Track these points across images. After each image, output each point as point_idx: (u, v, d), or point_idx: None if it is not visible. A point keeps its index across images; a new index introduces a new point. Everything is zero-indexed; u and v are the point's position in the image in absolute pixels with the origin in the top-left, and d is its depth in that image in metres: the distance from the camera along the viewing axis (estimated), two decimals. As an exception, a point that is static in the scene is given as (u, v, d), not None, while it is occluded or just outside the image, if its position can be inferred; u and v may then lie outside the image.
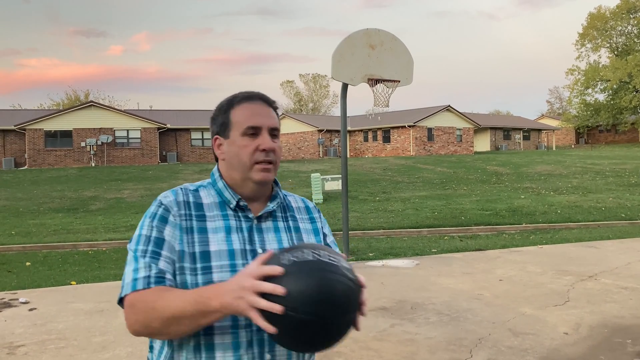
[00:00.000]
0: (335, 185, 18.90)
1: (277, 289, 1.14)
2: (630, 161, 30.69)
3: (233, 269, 1.39)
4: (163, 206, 1.44)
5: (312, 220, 1.61)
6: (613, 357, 4.31)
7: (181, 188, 1.51)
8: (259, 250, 1.44)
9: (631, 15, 54.35)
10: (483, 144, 52.25)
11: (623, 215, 15.00)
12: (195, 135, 39.09)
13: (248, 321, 1.35)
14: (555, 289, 6.37)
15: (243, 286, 1.17)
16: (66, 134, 35.07)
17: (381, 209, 16.76)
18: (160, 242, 1.40)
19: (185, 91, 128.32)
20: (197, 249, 1.40)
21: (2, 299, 6.48)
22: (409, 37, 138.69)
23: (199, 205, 1.47)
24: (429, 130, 43.24)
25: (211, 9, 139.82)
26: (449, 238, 12.25)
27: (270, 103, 1.52)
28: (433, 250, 9.75)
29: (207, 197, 1.50)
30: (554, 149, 52.71)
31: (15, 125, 34.25)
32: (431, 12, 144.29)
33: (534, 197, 18.79)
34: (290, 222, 1.54)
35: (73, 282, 7.61)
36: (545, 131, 58.74)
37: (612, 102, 53.85)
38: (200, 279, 1.37)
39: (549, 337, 4.77)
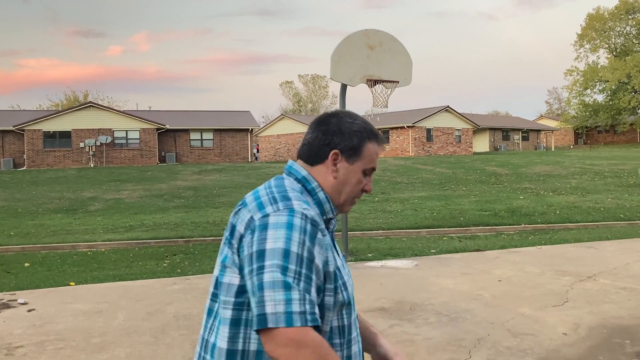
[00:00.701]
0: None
1: None
2: (629, 162, 30.71)
3: (345, 286, 1.46)
4: (309, 220, 1.35)
5: None
6: (612, 358, 4.32)
7: (302, 196, 1.45)
8: (345, 266, 1.54)
9: (630, 16, 54.44)
10: (482, 144, 52.29)
11: (622, 215, 15.01)
12: (194, 135, 39.07)
13: None
14: (554, 290, 6.38)
15: None
16: (65, 135, 35.06)
17: (380, 210, 16.77)
18: (311, 264, 1.31)
19: (185, 91, 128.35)
20: (331, 268, 1.40)
21: (1, 299, 6.47)
22: (408, 37, 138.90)
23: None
24: (428, 130, 43.26)
25: (211, 9, 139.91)
26: (448, 239, 12.26)
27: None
28: (432, 250, 9.75)
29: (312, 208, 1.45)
30: (552, 149, 52.77)
31: (14, 126, 34.23)
32: (430, 12, 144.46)
33: (532, 198, 18.81)
34: None
35: (72, 283, 7.61)
36: (544, 132, 58.82)
37: (610, 103, 53.90)
38: (333, 298, 1.41)
39: (548, 337, 4.77)
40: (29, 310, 5.93)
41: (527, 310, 5.57)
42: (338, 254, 1.52)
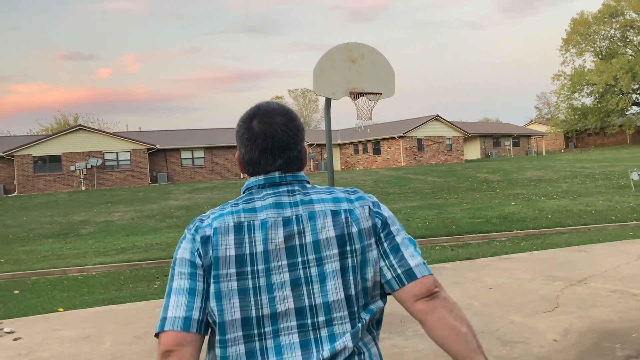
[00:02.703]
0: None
1: None
2: (620, 163, 30.88)
3: None
4: None
5: None
6: (602, 363, 4.28)
7: None
8: None
9: (613, 19, 54.99)
10: (473, 152, 52.49)
11: (613, 217, 15.05)
12: (185, 154, 39.03)
13: None
14: (544, 295, 6.35)
15: None
16: (55, 159, 34.94)
17: (372, 221, 16.73)
18: None
19: (175, 111, 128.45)
20: None
21: (-13, 329, 6.38)
22: (395, 48, 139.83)
23: None
24: (419, 140, 43.39)
25: (198, 28, 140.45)
26: (440, 248, 12.24)
27: None
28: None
29: None
30: (543, 154, 53.02)
31: (3, 152, 34.10)
32: (415, 23, 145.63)
33: (524, 203, 18.84)
34: None
35: (60, 309, 7.52)
36: (534, 137, 59.13)
37: (599, 106, 54.31)
38: None
39: (538, 344, 4.74)
40: (15, 339, 5.84)
41: (518, 317, 5.54)
42: None
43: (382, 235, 1.44)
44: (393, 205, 20.55)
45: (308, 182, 1.51)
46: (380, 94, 8.02)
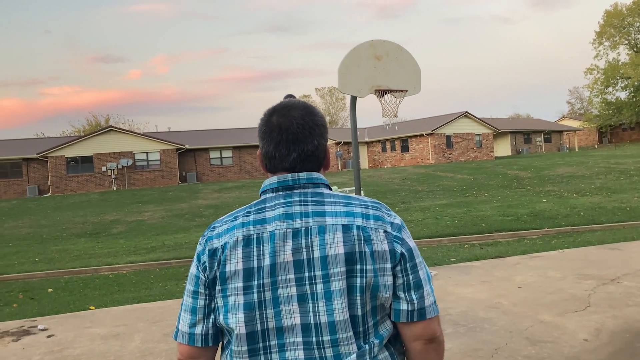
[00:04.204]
0: (354, 197, 18.82)
1: None
2: (655, 158, 30.06)
3: None
4: None
5: None
6: (635, 363, 4.18)
7: None
8: None
9: (648, 11, 53.61)
10: (503, 148, 51.72)
11: (648, 214, 14.65)
12: (214, 154, 39.40)
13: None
14: (575, 294, 6.22)
15: None
16: (87, 160, 35.65)
17: (400, 220, 16.62)
18: None
19: (203, 111, 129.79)
20: None
21: (22, 326, 6.54)
22: (423, 45, 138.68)
23: None
24: (448, 137, 42.96)
25: (226, 29, 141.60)
26: (470, 246, 12.09)
27: None
28: (452, 259, 9.62)
29: None
30: (576, 150, 51.95)
31: (37, 154, 34.93)
32: (444, 19, 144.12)
33: (556, 200, 18.49)
34: None
35: (92, 307, 7.67)
36: (566, 132, 57.94)
37: (634, 100, 52.97)
38: None
39: (568, 344, 4.64)
40: (48, 336, 5.98)
41: (547, 316, 5.44)
42: None
43: (407, 266, 1.39)
44: (421, 203, 20.39)
45: (327, 186, 1.46)
46: (406, 91, 7.95)
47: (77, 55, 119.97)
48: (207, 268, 1.38)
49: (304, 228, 1.36)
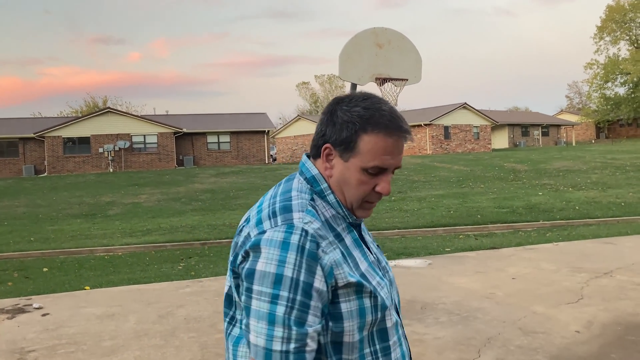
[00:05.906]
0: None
1: None
2: (652, 155, 30.14)
3: (381, 283, 1.31)
4: (310, 237, 1.20)
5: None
6: (625, 355, 4.22)
7: (309, 203, 1.28)
8: (381, 260, 1.40)
9: (651, 7, 53.46)
10: (501, 141, 51.76)
11: (643, 210, 14.72)
12: (212, 138, 39.30)
13: None
14: (568, 287, 6.27)
15: None
16: (84, 141, 35.53)
17: (396, 209, 16.68)
18: (309, 288, 1.17)
19: (202, 95, 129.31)
20: (353, 279, 1.23)
21: (17, 304, 6.56)
22: (425, 35, 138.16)
23: (329, 222, 1.29)
24: (446, 128, 42.95)
25: (227, 13, 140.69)
26: (464, 237, 12.14)
27: (407, 138, 1.31)
28: (447, 249, 9.66)
29: (326, 209, 1.30)
30: (573, 144, 52.03)
31: (34, 133, 34.79)
32: (447, 9, 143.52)
33: (551, 194, 18.55)
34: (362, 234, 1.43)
35: (87, 287, 7.68)
36: (564, 126, 57.97)
37: (633, 96, 52.98)
38: (373, 301, 1.27)
39: (560, 335, 4.68)
40: (43, 315, 6.00)
41: (540, 308, 5.48)
42: (370, 250, 1.37)
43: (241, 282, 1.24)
44: (417, 193, 20.44)
45: (306, 177, 1.34)
46: (407, 80, 7.93)
47: (77, 36, 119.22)
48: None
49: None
